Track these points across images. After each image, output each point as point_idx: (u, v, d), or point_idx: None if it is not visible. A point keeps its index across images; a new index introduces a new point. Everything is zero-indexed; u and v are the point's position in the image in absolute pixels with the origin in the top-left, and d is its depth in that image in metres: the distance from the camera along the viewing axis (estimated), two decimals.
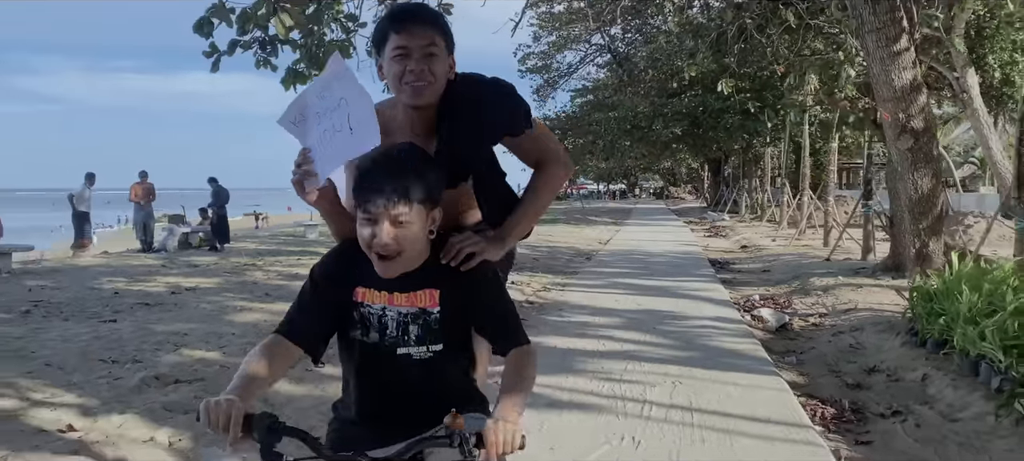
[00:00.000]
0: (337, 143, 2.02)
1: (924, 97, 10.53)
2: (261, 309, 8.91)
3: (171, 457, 4.38)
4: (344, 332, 2.12)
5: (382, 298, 2.08)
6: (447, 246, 2.12)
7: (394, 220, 1.94)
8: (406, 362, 2.09)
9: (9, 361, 6.19)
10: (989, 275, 7.18)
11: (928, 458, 4.74)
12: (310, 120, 2.09)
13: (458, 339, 2.15)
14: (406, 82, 2.13)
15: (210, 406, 1.70)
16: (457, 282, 2.10)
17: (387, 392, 2.11)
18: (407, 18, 2.17)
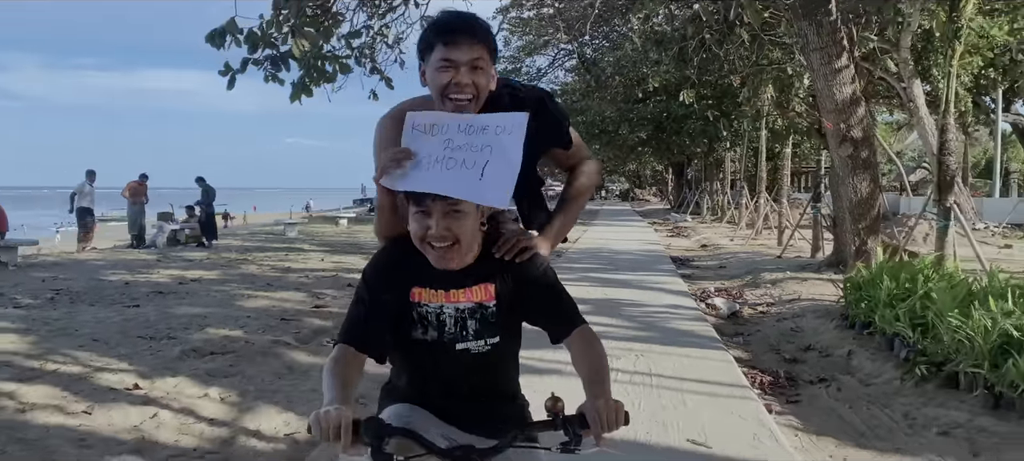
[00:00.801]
0: (456, 176, 2.02)
1: (863, 109, 11.70)
2: (266, 297, 9.80)
3: (224, 407, 5.30)
4: (401, 331, 2.13)
5: (439, 296, 2.11)
6: (501, 240, 2.17)
7: (447, 212, 1.98)
8: (465, 357, 2.13)
9: (59, 337, 7.05)
10: (908, 267, 8.32)
11: (842, 412, 5.80)
12: (435, 138, 2.09)
13: (512, 331, 2.20)
14: (450, 96, 2.16)
15: (320, 417, 1.73)
16: (511, 275, 2.15)
17: (446, 387, 2.15)
18: (456, 31, 2.16)
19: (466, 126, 2.08)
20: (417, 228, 2.00)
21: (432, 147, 2.06)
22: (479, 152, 2.03)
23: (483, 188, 1.98)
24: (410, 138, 2.09)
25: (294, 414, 5.22)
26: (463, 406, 2.13)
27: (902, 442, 5.07)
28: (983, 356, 5.52)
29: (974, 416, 5.28)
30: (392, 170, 2.04)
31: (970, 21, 14.83)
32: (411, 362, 2.17)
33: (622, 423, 1.80)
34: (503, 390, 2.24)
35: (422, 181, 2.01)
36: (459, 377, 2.14)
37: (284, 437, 4.84)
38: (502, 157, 2.02)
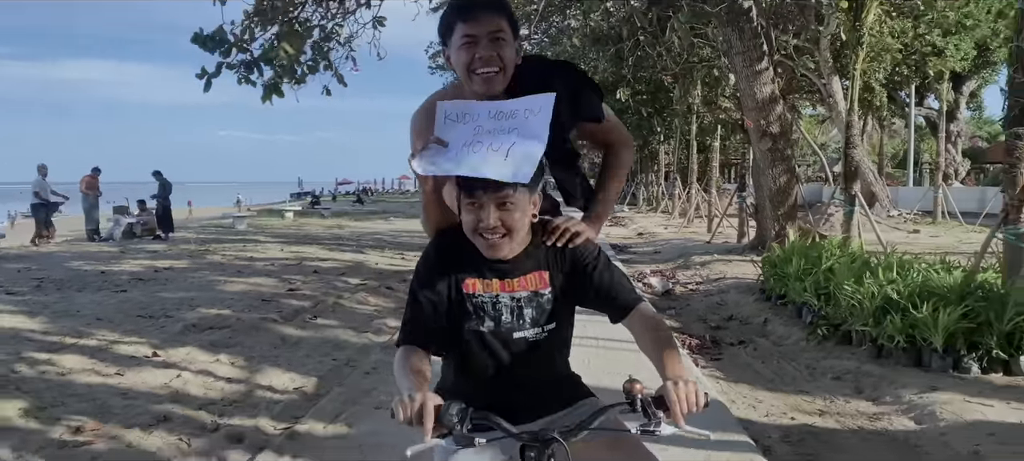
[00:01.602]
0: (482, 157, 2.04)
1: (780, 107, 12.95)
2: (242, 282, 10.57)
3: (236, 369, 6.16)
4: (456, 323, 2.14)
5: (494, 286, 2.13)
6: (551, 227, 2.19)
7: (499, 203, 2.00)
8: (522, 344, 2.14)
9: (65, 318, 7.77)
10: (816, 247, 9.56)
11: (756, 366, 6.93)
12: (466, 126, 2.13)
13: (566, 317, 2.22)
14: (475, 70, 2.18)
15: (403, 403, 1.75)
16: (564, 261, 2.17)
17: (504, 376, 2.16)
18: (473, 6, 2.19)
19: (495, 111, 2.12)
20: (470, 219, 2.03)
21: (462, 134, 2.10)
22: (506, 135, 2.07)
23: (507, 167, 2.00)
24: (442, 128, 2.14)
25: (297, 373, 6.12)
26: (520, 393, 2.15)
27: (803, 386, 6.21)
28: (869, 315, 6.72)
29: (861, 364, 6.46)
30: (422, 157, 2.09)
31: (880, 23, 16.29)
32: (467, 354, 2.18)
33: (702, 404, 1.76)
34: (557, 373, 2.26)
35: (449, 165, 2.05)
36: (516, 365, 2.16)
37: (293, 390, 5.74)
38: (528, 136, 2.06)
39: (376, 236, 20.81)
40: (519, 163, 2.00)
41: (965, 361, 6.03)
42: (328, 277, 11.33)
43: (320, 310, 8.72)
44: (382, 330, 7.98)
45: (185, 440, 4.55)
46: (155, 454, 4.33)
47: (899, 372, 6.12)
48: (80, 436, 4.47)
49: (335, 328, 7.92)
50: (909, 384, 5.75)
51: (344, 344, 7.26)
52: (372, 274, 11.97)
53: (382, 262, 13.79)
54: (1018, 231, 7.16)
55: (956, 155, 35.81)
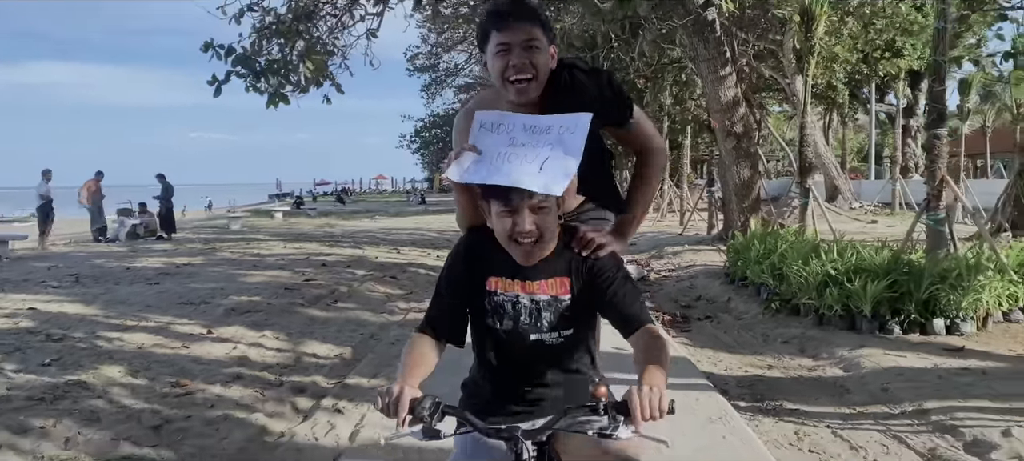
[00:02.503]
0: (515, 167, 2.07)
1: (743, 109, 14.24)
2: (260, 274, 11.67)
3: (281, 342, 7.28)
4: (477, 319, 2.21)
5: (515, 287, 2.16)
6: (578, 235, 2.21)
7: (534, 208, 2.03)
8: (539, 347, 2.17)
9: (117, 305, 8.84)
10: (773, 234, 10.82)
11: (719, 335, 8.15)
12: (500, 135, 2.17)
13: (586, 324, 2.24)
14: (509, 79, 2.25)
15: (382, 393, 1.84)
16: (586, 270, 2.17)
17: (520, 376, 2.21)
18: (507, 15, 2.26)
19: (531, 125, 2.16)
20: (504, 226, 2.06)
21: (496, 143, 2.14)
22: (540, 149, 2.11)
23: (540, 177, 2.03)
24: (477, 136, 2.18)
25: (333, 345, 7.27)
26: (535, 393, 2.20)
27: (757, 349, 7.44)
28: (813, 290, 7.97)
29: (806, 330, 7.70)
30: (455, 164, 2.15)
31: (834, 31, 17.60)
32: (487, 352, 2.23)
33: (665, 412, 1.78)
34: (576, 379, 2.26)
35: (483, 173, 2.10)
36: (531, 365, 2.20)
37: (334, 356, 6.89)
38: (563, 153, 2.10)
39: (367, 233, 21.88)
40: (553, 176, 2.05)
41: (889, 324, 7.30)
42: (336, 269, 12.45)
43: (338, 296, 9.86)
44: (395, 311, 9.13)
45: (259, 392, 5.68)
46: (239, 401, 5.45)
47: (836, 335, 7.38)
48: (179, 389, 5.58)
49: (355, 310, 9.07)
50: (842, 344, 7.00)
51: (365, 323, 8.40)
52: (375, 266, 13.10)
53: (381, 256, 14.92)
54: (937, 216, 8.48)
55: (916, 149, 37.45)
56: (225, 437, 4.73)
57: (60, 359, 6.27)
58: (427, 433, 1.85)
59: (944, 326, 7.23)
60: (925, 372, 6.02)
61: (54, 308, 8.53)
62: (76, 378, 5.66)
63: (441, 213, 33.10)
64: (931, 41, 8.80)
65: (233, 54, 11.14)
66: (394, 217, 31.27)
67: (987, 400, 5.22)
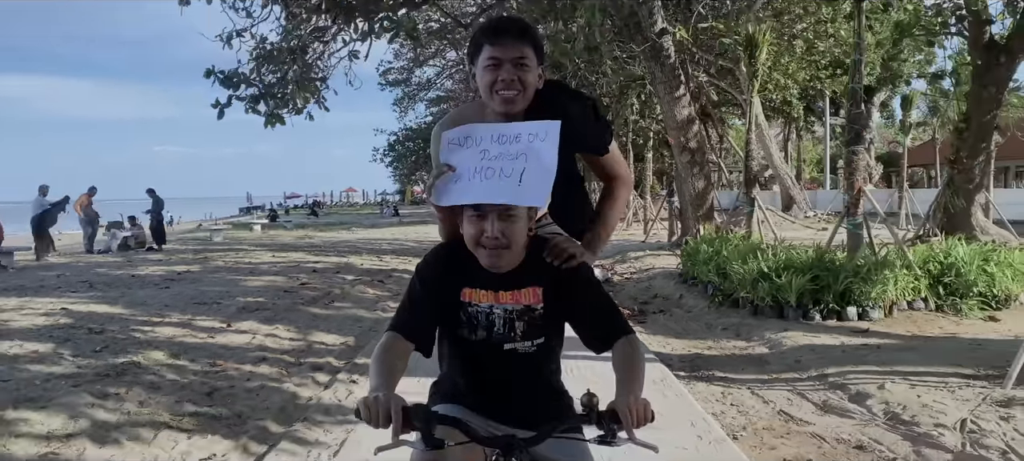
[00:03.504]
0: (495, 184, 2.10)
1: (697, 126, 15.62)
2: (258, 280, 12.77)
3: (292, 333, 8.42)
4: (450, 329, 2.24)
5: (489, 297, 2.20)
6: (550, 245, 2.27)
7: (502, 214, 2.09)
8: (512, 356, 2.21)
9: (138, 306, 9.91)
10: (721, 239, 12.16)
11: (671, 325, 9.43)
12: (469, 150, 2.19)
13: (556, 333, 2.30)
14: (497, 91, 2.29)
15: (369, 403, 1.79)
16: (558, 280, 2.22)
17: (494, 385, 2.24)
18: (500, 31, 2.31)
19: (499, 136, 2.18)
20: (473, 231, 2.11)
21: (469, 159, 2.16)
22: (515, 160, 2.12)
23: (522, 192, 2.07)
24: (447, 154, 2.20)
25: (338, 335, 8.42)
26: (509, 404, 2.22)
27: (701, 335, 8.72)
28: (749, 284, 9.27)
29: (743, 319, 9.00)
30: (436, 188, 2.18)
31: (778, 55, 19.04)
32: (459, 360, 2.26)
33: (650, 420, 1.87)
34: (547, 387, 2.31)
35: (464, 193, 2.12)
36: (506, 376, 2.22)
37: (341, 344, 8.05)
38: (538, 162, 2.11)
39: (348, 243, 22.96)
40: (533, 188, 2.09)
41: (811, 312, 8.63)
42: (327, 275, 13.58)
43: (333, 297, 11.01)
44: (387, 309, 10.30)
45: (283, 370, 6.84)
46: (269, 376, 6.60)
47: (767, 322, 8.69)
48: (217, 367, 6.73)
49: (350, 308, 10.23)
50: (771, 329, 8.30)
51: (362, 318, 9.57)
52: (362, 272, 14.25)
53: (366, 264, 16.05)
54: (855, 221, 9.85)
55: (869, 160, 39.29)
56: (265, 400, 5.89)
57: (107, 347, 7.38)
58: (428, 442, 1.81)
59: (856, 313, 8.57)
60: (832, 348, 7.33)
61: (83, 308, 9.60)
62: (129, 360, 6.78)
63: (416, 225, 34.36)
64: (849, 70, 10.16)
65: (231, 81, 12.25)
66: (370, 229, 32.30)
67: (875, 366, 6.53)
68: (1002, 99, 15.93)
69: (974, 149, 15.47)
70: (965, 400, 5.45)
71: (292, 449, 4.80)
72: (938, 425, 4.98)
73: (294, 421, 5.39)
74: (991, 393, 5.55)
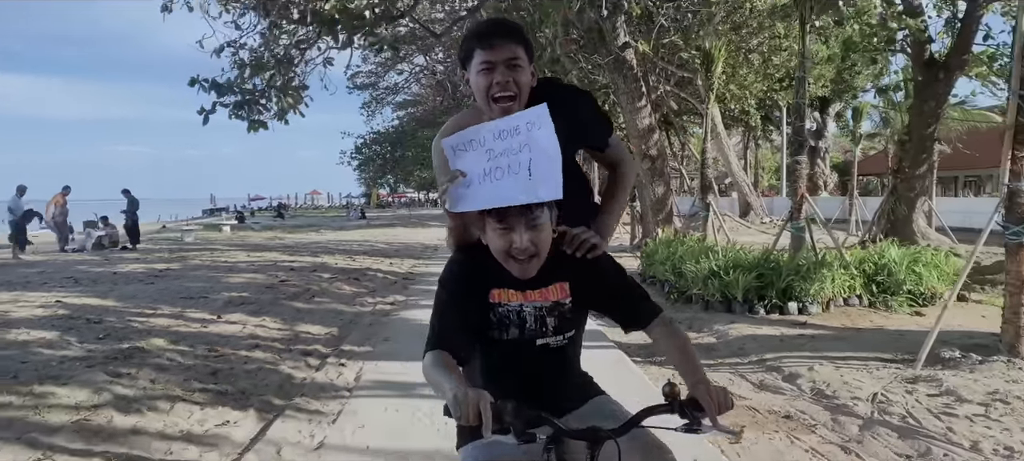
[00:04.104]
0: (508, 183, 2.12)
1: (657, 135, 16.47)
2: (239, 277, 13.34)
3: (279, 323, 9.05)
4: (481, 332, 2.24)
5: (518, 296, 2.24)
6: (570, 238, 2.31)
7: (530, 224, 2.12)
8: (544, 351, 2.26)
9: (129, 299, 10.45)
10: (677, 241, 13.00)
11: None
12: (475, 152, 2.21)
13: (583, 323, 2.37)
14: (494, 96, 2.32)
15: (459, 399, 1.78)
16: (583, 272, 2.29)
17: (526, 380, 2.26)
18: (490, 33, 2.34)
19: (499, 131, 2.20)
20: (501, 243, 2.14)
21: (476, 162, 2.19)
22: (519, 153, 2.15)
23: (535, 186, 2.10)
24: (454, 161, 2.23)
25: (322, 326, 9.07)
26: (541, 397, 2.19)
27: None
28: (701, 282, 10.09)
29: (695, 314, 9.80)
30: (450, 195, 2.21)
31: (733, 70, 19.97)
32: (491, 362, 2.29)
33: (730, 406, 1.92)
34: (574, 375, 2.38)
35: (479, 198, 2.16)
36: (538, 370, 2.27)
37: (325, 334, 8.70)
38: (541, 152, 2.14)
39: (319, 244, 23.50)
40: (544, 179, 2.11)
41: (756, 306, 9.46)
42: (304, 273, 14.18)
43: (313, 293, 11.64)
44: (365, 304, 10.96)
45: (276, 355, 7.49)
46: (264, 360, 7.25)
47: (716, 316, 9.50)
48: (214, 353, 7.36)
49: (330, 303, 10.88)
50: (720, 322, 9.10)
51: (342, 312, 10.22)
52: (337, 271, 14.86)
53: (340, 263, 16.65)
54: (799, 225, 10.72)
55: (824, 169, 40.67)
56: (264, 380, 6.55)
57: (110, 335, 7.97)
58: (522, 437, 1.81)
59: (796, 308, 9.42)
60: (772, 337, 8.15)
61: (77, 301, 10.15)
62: (133, 345, 7.39)
63: (384, 227, 34.97)
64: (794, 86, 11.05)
65: (224, 90, 12.82)
66: (338, 231, 32.77)
67: (808, 352, 7.36)
68: (941, 113, 16.98)
69: (916, 160, 16.51)
70: (880, 378, 6.28)
71: (296, 416, 5.48)
72: (854, 398, 5.79)
73: (293, 396, 6.06)
74: (902, 373, 6.39)
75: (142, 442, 4.91)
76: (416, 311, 10.05)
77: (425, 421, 5.28)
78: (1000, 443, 4.68)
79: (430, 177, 70.13)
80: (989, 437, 4.78)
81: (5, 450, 4.63)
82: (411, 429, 5.14)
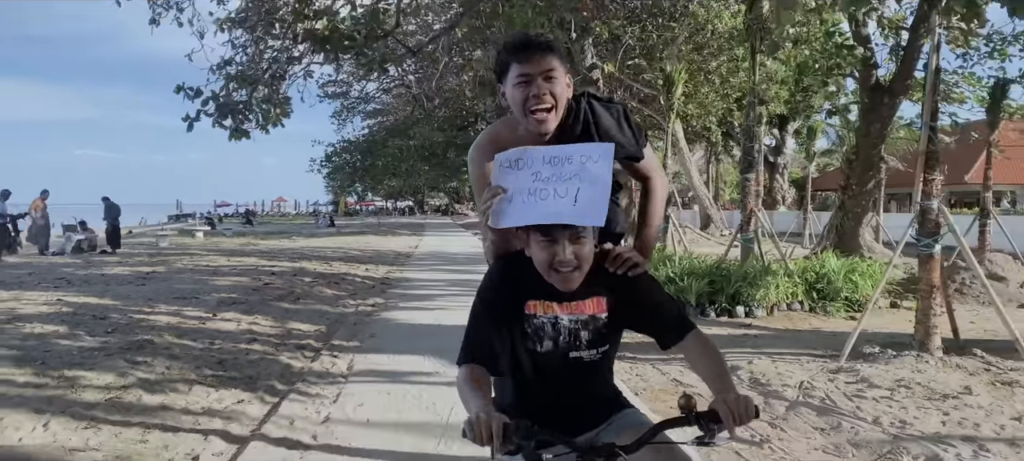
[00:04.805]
0: (551, 204, 2.17)
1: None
2: (224, 280, 14.03)
3: (270, 322, 9.80)
4: (514, 344, 2.29)
5: (553, 309, 2.27)
6: (614, 256, 2.36)
7: (573, 239, 2.16)
8: (577, 365, 2.30)
9: (124, 299, 11.13)
10: None
11: None
12: (522, 172, 2.26)
13: (617, 339, 2.40)
14: (531, 109, 2.38)
15: (473, 421, 1.86)
16: (621, 288, 2.31)
17: (560, 394, 2.32)
18: (526, 47, 2.39)
19: (551, 157, 2.25)
20: (544, 256, 2.17)
21: (521, 181, 2.25)
22: (569, 181, 2.20)
23: (579, 212, 2.15)
24: (499, 176, 2.30)
25: (311, 324, 9.84)
26: (573, 411, 2.30)
27: None
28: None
29: None
30: (491, 210, 2.26)
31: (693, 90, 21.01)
32: (523, 373, 2.34)
33: (752, 416, 1.91)
34: (606, 389, 2.43)
35: (521, 215, 2.21)
36: (570, 383, 2.31)
37: (315, 331, 9.47)
38: (592, 182, 2.20)
39: (293, 251, 24.11)
40: (589, 207, 2.17)
41: (707, 310, 10.41)
42: (285, 277, 14.90)
43: (298, 295, 12.39)
44: (348, 305, 11.74)
45: (273, 348, 8.26)
46: (264, 352, 8.01)
47: None
48: (214, 345, 8.11)
49: (315, 305, 11.64)
50: None
51: (327, 312, 11.00)
52: (317, 275, 15.59)
53: (318, 268, 17.35)
54: (748, 237, 11.71)
55: (783, 184, 42.10)
56: (267, 368, 7.32)
57: (117, 329, 8.69)
58: (529, 457, 1.86)
59: (744, 312, 10.39)
60: (720, 336, 9.09)
61: (77, 300, 10.83)
62: (141, 338, 8.14)
63: (355, 235, 35.61)
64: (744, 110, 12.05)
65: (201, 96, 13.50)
66: (310, 238, 33.31)
67: (750, 349, 8.31)
68: (886, 134, 18.14)
69: (862, 178, 17.65)
70: (808, 370, 7.22)
71: (300, 398, 6.28)
72: (785, 385, 6.72)
73: (295, 382, 6.85)
74: (827, 365, 7.35)
75: (171, 415, 5.69)
76: (396, 313, 10.87)
77: (414, 402, 6.11)
78: (896, 418, 5.63)
79: (399, 186, 70.88)
80: (888, 414, 5.73)
81: (55, 421, 5.38)
82: (404, 407, 5.98)
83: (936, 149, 7.59)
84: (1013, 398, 6.10)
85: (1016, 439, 5.13)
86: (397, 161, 44.22)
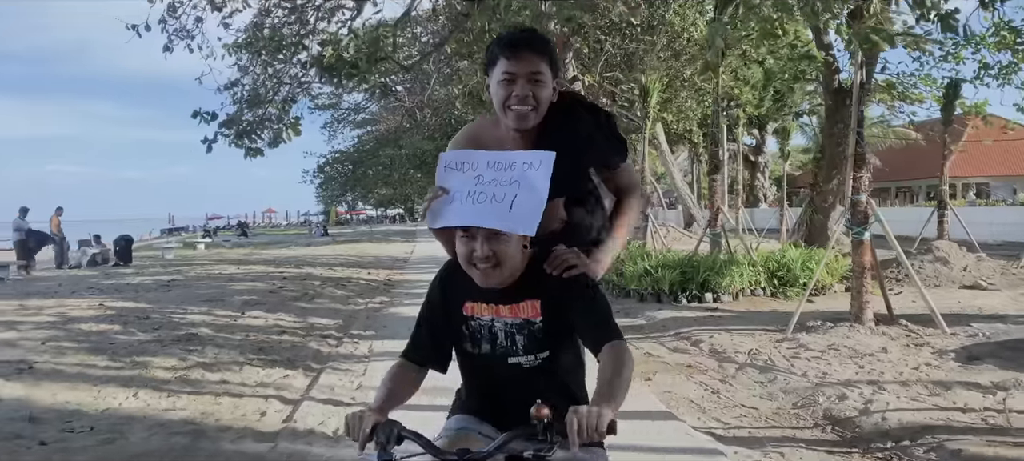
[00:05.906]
0: (486, 208, 2.17)
1: None
2: (240, 285, 15.27)
3: (293, 319, 11.06)
4: (458, 345, 2.33)
5: (489, 310, 2.25)
6: (552, 256, 2.27)
7: (489, 235, 2.13)
8: (517, 371, 2.25)
9: (158, 303, 12.37)
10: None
11: None
12: (465, 174, 2.25)
13: (563, 345, 2.29)
14: (511, 106, 2.37)
15: (349, 418, 1.99)
16: (557, 291, 2.22)
17: (503, 398, 2.30)
18: (517, 45, 2.36)
19: (494, 162, 2.24)
20: (464, 250, 2.18)
21: (463, 182, 2.23)
22: (508, 186, 2.18)
23: (512, 219, 2.13)
24: (443, 176, 2.28)
25: (329, 319, 11.10)
26: (520, 416, 2.01)
27: None
28: (637, 279, 12.34)
29: (631, 305, 12.02)
30: (429, 210, 2.25)
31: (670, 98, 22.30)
32: (469, 374, 2.39)
33: (603, 432, 1.80)
34: (564, 402, 2.10)
35: (455, 216, 2.20)
36: (515, 390, 2.22)
37: (333, 325, 10.74)
38: (530, 190, 2.17)
39: (294, 258, 25.35)
40: (524, 215, 2.14)
41: (680, 297, 11.75)
42: (296, 281, 16.16)
43: (312, 296, 13.66)
44: (358, 304, 13.01)
45: (301, 337, 9.53)
46: (294, 341, 9.27)
47: (648, 305, 11.76)
48: (249, 337, 9.38)
49: (329, 304, 12.92)
50: (650, 309, 11.34)
51: (340, 310, 12.27)
52: (325, 279, 16.87)
53: (323, 273, 18.62)
54: (716, 233, 13.07)
55: (764, 182, 43.62)
56: (301, 352, 8.60)
57: (163, 327, 9.95)
58: (381, 455, 1.94)
59: (712, 298, 11.72)
60: (689, 318, 10.42)
61: (116, 304, 12.07)
62: (186, 333, 9.40)
63: (349, 243, 36.85)
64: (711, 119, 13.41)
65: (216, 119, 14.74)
66: (307, 247, 34.50)
67: (712, 327, 9.63)
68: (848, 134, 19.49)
69: (828, 175, 19.01)
70: (759, 341, 8.55)
71: (335, 372, 7.56)
72: (737, 352, 8.05)
73: (326, 363, 8.13)
74: (775, 337, 8.69)
75: (234, 387, 6.97)
76: (402, 308, 12.14)
77: (432, 373, 7.39)
78: (821, 371, 6.97)
79: (389, 195, 72.08)
80: (816, 369, 7.08)
81: (142, 392, 6.65)
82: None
83: (863, 151, 8.95)
84: (919, 355, 7.46)
85: (908, 381, 6.47)
86: (388, 170, 45.40)
